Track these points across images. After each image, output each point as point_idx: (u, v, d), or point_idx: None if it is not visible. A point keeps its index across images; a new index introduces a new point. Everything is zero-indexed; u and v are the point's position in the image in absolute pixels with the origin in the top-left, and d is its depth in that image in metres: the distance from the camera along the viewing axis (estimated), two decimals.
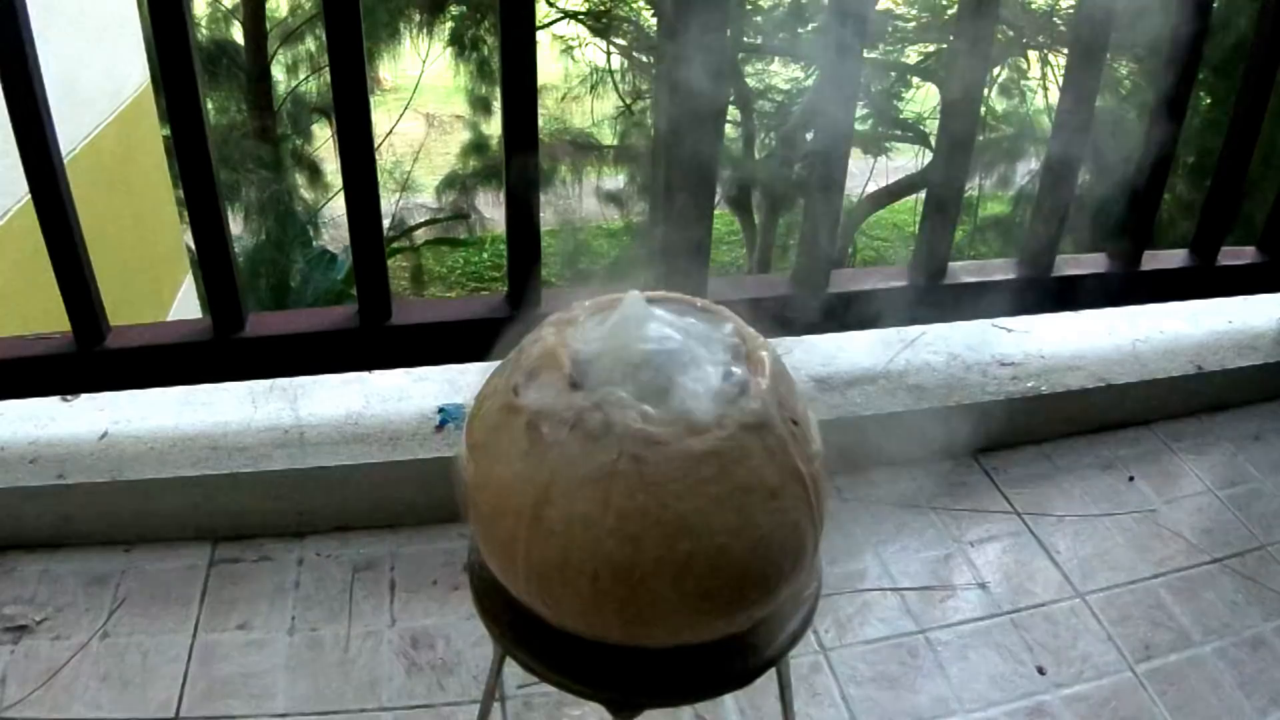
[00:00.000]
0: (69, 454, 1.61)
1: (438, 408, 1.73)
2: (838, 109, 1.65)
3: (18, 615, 1.47)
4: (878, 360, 1.91)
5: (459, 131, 8.90)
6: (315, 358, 1.64)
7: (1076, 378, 1.91)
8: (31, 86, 1.32)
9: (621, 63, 8.49)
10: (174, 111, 1.40)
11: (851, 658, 1.46)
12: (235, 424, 1.69)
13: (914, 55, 8.37)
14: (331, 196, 8.17)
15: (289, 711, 1.36)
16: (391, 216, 8.56)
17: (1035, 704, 1.40)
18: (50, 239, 1.44)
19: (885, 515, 1.73)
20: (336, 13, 1.36)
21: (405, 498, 1.64)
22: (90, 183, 3.12)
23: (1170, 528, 1.72)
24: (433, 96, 9.24)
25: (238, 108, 7.91)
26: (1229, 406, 2.01)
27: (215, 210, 1.48)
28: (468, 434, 0.90)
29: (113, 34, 4.17)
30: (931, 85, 8.03)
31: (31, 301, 2.34)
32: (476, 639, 1.45)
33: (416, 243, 8.89)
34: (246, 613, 1.50)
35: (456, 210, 8.58)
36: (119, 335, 1.56)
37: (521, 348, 0.91)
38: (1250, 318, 2.11)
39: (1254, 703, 1.41)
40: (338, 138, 1.58)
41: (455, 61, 8.07)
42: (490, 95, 8.00)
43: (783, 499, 0.82)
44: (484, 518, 0.86)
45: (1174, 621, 1.54)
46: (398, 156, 9.01)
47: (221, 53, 7.91)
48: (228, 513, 1.61)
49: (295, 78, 8.43)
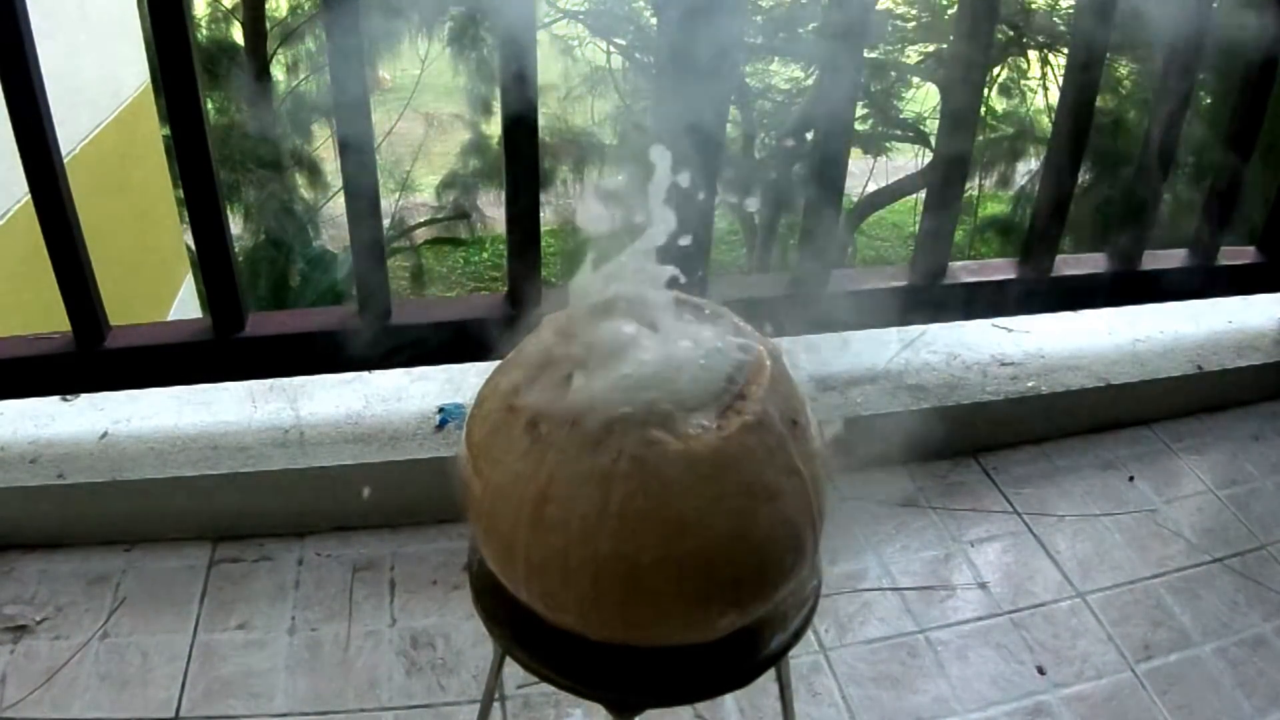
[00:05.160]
0: (69, 454, 1.61)
1: (438, 408, 1.73)
2: (838, 108, 1.65)
3: (18, 615, 1.47)
4: (878, 360, 1.91)
5: (459, 131, 8.90)
6: (315, 358, 1.64)
7: (1076, 378, 1.91)
8: (31, 86, 1.32)
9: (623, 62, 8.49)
10: (174, 111, 1.40)
11: (851, 658, 1.46)
12: (235, 424, 1.69)
13: (914, 55, 8.37)
14: (331, 196, 8.18)
15: (289, 711, 1.36)
16: (391, 216, 8.56)
17: (1035, 704, 1.40)
18: (50, 239, 1.44)
19: (885, 515, 1.73)
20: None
21: (405, 498, 1.64)
22: (90, 183, 3.12)
23: (1170, 528, 1.72)
24: (433, 96, 9.24)
25: (238, 108, 7.91)
26: (1229, 406, 2.01)
27: (215, 210, 1.48)
28: (468, 434, 0.90)
29: (113, 34, 4.17)
30: (931, 85, 8.03)
31: (31, 301, 2.34)
32: (476, 639, 1.45)
33: (416, 243, 8.89)
34: (246, 613, 1.50)
35: (456, 210, 8.58)
36: (119, 335, 1.56)
37: (521, 348, 0.91)
38: (1250, 318, 2.11)
39: (1254, 703, 1.41)
40: (337, 138, 1.58)
41: (455, 61, 8.07)
42: (490, 95, 7.99)
43: (783, 499, 0.82)
44: (484, 517, 0.86)
45: (1174, 621, 1.54)
46: (397, 156, 9.01)
47: (221, 53, 7.91)
48: (228, 513, 1.61)
49: (295, 78, 8.43)
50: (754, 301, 1.73)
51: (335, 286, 7.49)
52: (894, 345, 1.95)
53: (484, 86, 8.05)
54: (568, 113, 8.58)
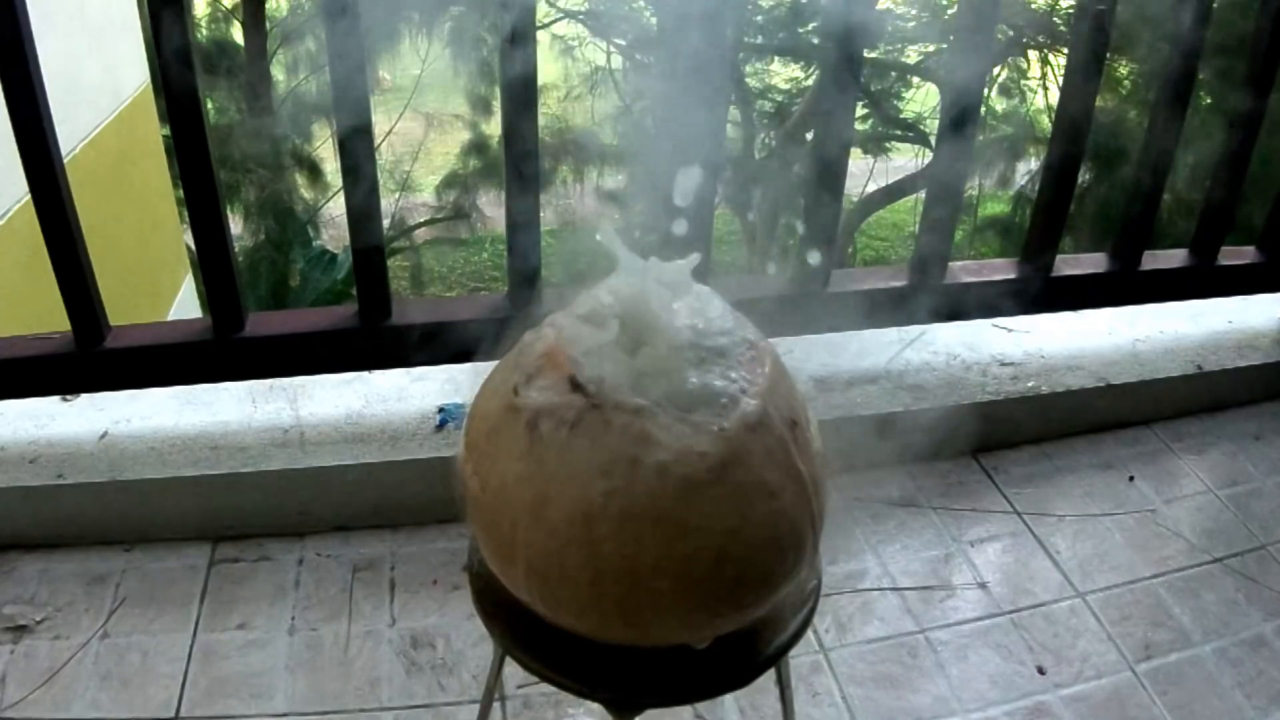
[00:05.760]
0: (69, 454, 1.61)
1: (437, 407, 1.73)
2: (838, 108, 1.65)
3: (18, 615, 1.47)
4: (878, 360, 1.91)
5: (459, 131, 8.90)
6: (315, 358, 1.64)
7: (1076, 378, 1.91)
8: (31, 86, 1.32)
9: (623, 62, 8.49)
10: (174, 111, 1.40)
11: (851, 657, 1.46)
12: (235, 424, 1.69)
13: (914, 55, 8.37)
14: (331, 196, 8.18)
15: (289, 711, 1.36)
16: (391, 216, 8.56)
17: (1035, 704, 1.40)
18: (50, 239, 1.44)
19: (885, 515, 1.73)
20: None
21: (405, 498, 1.64)
22: (90, 183, 3.12)
23: (1170, 528, 1.72)
24: (433, 96, 9.24)
25: (238, 108, 7.92)
26: (1229, 406, 2.01)
27: (215, 210, 1.48)
28: (467, 434, 0.90)
29: (113, 34, 4.17)
30: (931, 85, 8.03)
31: (31, 301, 2.34)
32: (476, 639, 1.45)
33: (416, 242, 8.90)
34: (246, 613, 1.50)
35: (456, 210, 8.58)
36: (119, 335, 1.56)
37: (521, 347, 0.91)
38: (1250, 318, 2.11)
39: (1254, 703, 1.41)
40: (337, 141, 1.58)
41: (455, 61, 8.07)
42: (490, 95, 8.00)
43: (783, 499, 0.82)
44: (484, 517, 0.86)
45: (1174, 621, 1.54)
46: (397, 156, 9.01)
47: (221, 53, 7.91)
48: (228, 513, 1.61)
49: (295, 78, 8.43)
50: (754, 301, 1.72)
51: (335, 286, 7.50)
52: (894, 345, 1.95)
53: (484, 86, 8.06)
54: (568, 113, 8.59)
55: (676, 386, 0.83)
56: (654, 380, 0.83)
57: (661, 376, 0.83)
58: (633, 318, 0.88)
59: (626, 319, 0.87)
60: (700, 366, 0.85)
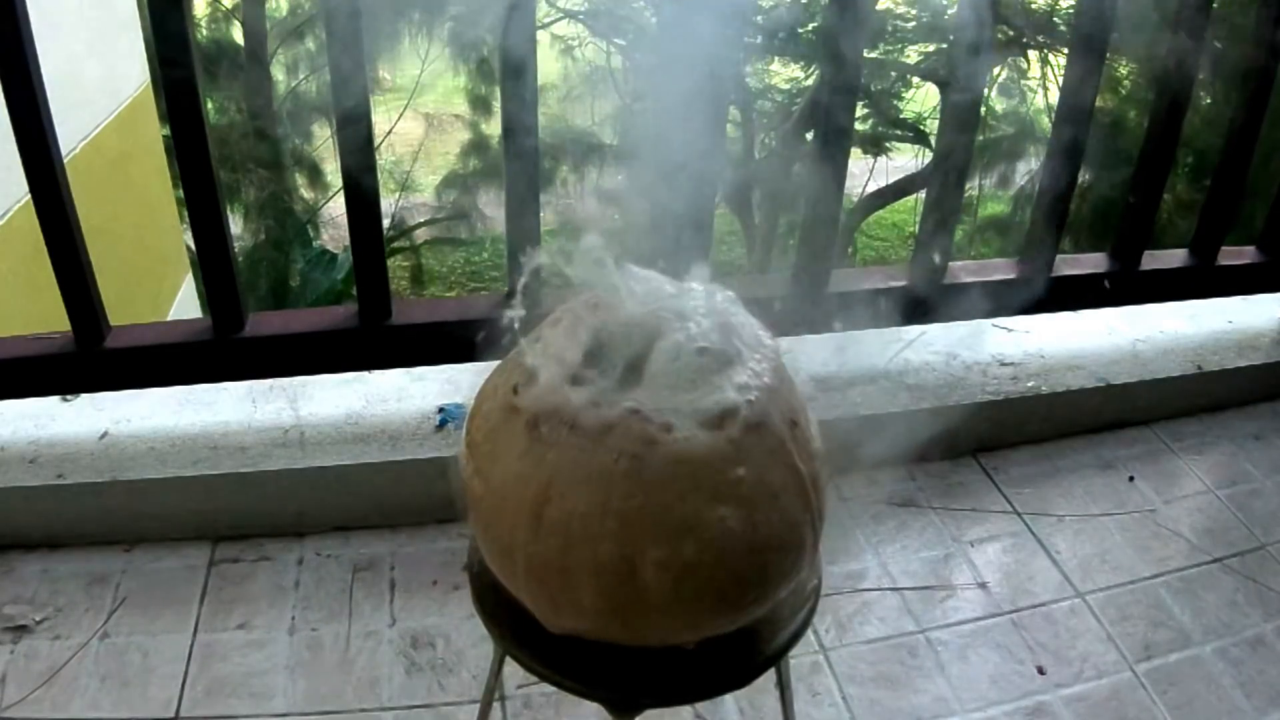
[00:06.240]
0: (69, 454, 1.61)
1: (438, 408, 1.73)
2: (838, 108, 1.65)
3: (18, 615, 1.47)
4: (877, 360, 1.91)
5: (459, 131, 8.90)
6: (315, 358, 1.64)
7: (1076, 378, 1.91)
8: (31, 86, 1.32)
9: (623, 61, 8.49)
10: (174, 111, 1.40)
11: (851, 657, 1.46)
12: (235, 424, 1.69)
13: (914, 55, 8.37)
14: (331, 196, 8.18)
15: (289, 711, 1.36)
16: (391, 216, 8.56)
17: (1035, 704, 1.40)
18: (50, 239, 1.44)
19: (885, 515, 1.73)
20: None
21: (405, 498, 1.64)
22: (90, 183, 3.12)
23: (1170, 528, 1.72)
24: (433, 96, 9.24)
25: (238, 108, 7.91)
26: (1229, 406, 2.01)
27: (215, 210, 1.48)
28: (468, 434, 0.90)
29: (113, 34, 4.17)
30: (931, 85, 8.03)
31: (31, 301, 2.34)
32: (476, 639, 1.45)
33: (416, 242, 8.89)
34: (246, 613, 1.50)
35: (456, 210, 8.58)
36: (119, 335, 1.56)
37: (521, 347, 0.91)
38: (1250, 318, 2.11)
39: (1254, 703, 1.41)
40: (337, 141, 1.58)
41: (455, 61, 8.07)
42: (490, 95, 8.00)
43: (783, 499, 0.82)
44: (484, 518, 0.86)
45: (1174, 621, 1.54)
46: (398, 156, 9.01)
47: (221, 53, 7.91)
48: (228, 513, 1.61)
49: (295, 78, 8.43)
50: (754, 301, 1.72)
51: (335, 286, 7.50)
52: (894, 345, 1.95)
53: (484, 86, 8.06)
54: (568, 113, 8.58)
55: (677, 387, 0.83)
56: (654, 380, 0.83)
57: (662, 377, 0.83)
58: (634, 318, 0.88)
59: (628, 319, 0.87)
60: (701, 367, 0.85)
